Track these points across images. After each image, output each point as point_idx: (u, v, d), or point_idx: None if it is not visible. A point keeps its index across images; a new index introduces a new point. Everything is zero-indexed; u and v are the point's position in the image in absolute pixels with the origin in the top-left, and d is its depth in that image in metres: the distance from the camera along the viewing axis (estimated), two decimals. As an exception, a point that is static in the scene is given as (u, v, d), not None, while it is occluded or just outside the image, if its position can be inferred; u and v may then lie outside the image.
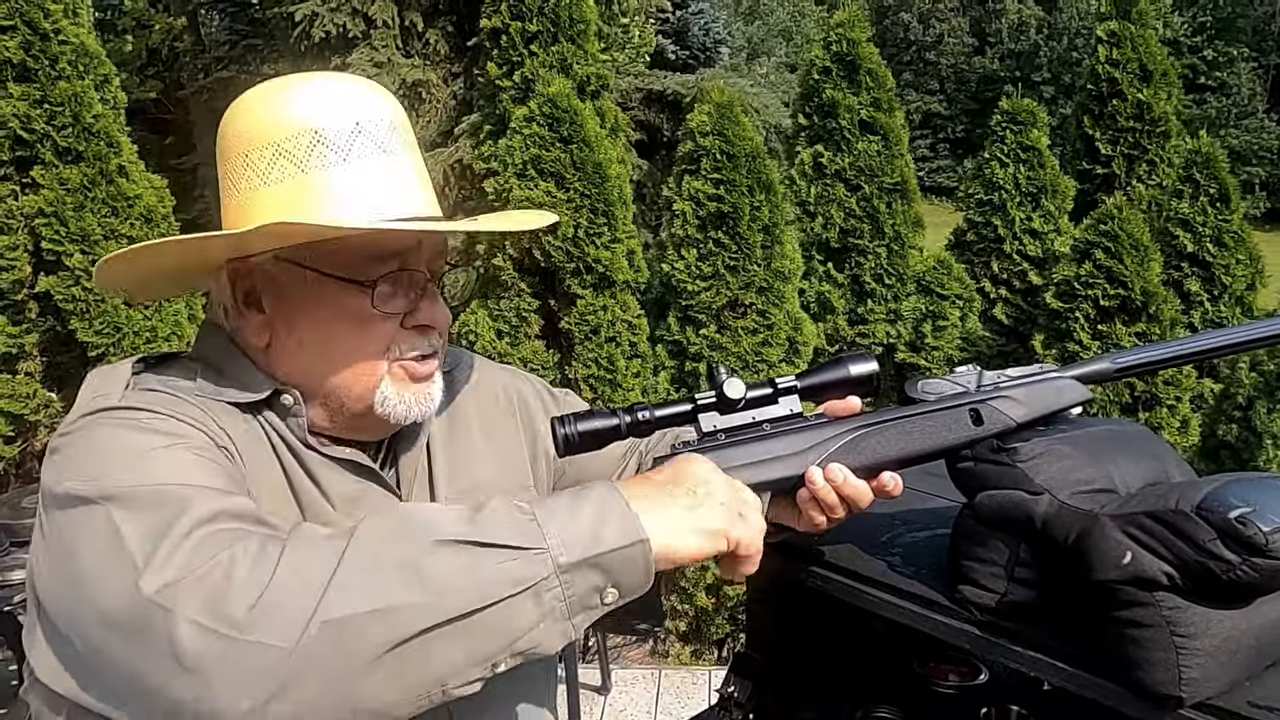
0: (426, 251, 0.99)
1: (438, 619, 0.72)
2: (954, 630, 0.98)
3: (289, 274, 0.96)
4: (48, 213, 3.26)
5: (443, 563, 0.74)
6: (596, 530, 0.79)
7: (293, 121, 0.95)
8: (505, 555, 0.76)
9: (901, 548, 1.11)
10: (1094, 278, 3.42)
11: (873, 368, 0.99)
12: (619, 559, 0.78)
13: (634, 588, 0.81)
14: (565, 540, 0.77)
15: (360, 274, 0.95)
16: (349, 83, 1.02)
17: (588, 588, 0.78)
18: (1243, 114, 25.94)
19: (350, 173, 0.95)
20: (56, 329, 3.49)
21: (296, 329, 0.98)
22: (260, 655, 0.69)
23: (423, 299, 0.99)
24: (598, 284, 3.54)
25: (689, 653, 3.89)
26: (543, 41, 3.84)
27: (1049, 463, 0.93)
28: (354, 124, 0.96)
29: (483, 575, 0.75)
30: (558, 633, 0.77)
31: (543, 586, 0.75)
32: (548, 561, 0.76)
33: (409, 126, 1.04)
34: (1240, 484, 0.83)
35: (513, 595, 0.75)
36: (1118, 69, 4.04)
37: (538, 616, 0.76)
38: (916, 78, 28.99)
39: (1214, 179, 3.74)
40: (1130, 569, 0.82)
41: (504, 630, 0.75)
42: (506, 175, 3.47)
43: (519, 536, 0.77)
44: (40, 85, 3.24)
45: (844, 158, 4.01)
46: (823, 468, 0.96)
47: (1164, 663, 0.81)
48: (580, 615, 0.78)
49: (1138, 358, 1.02)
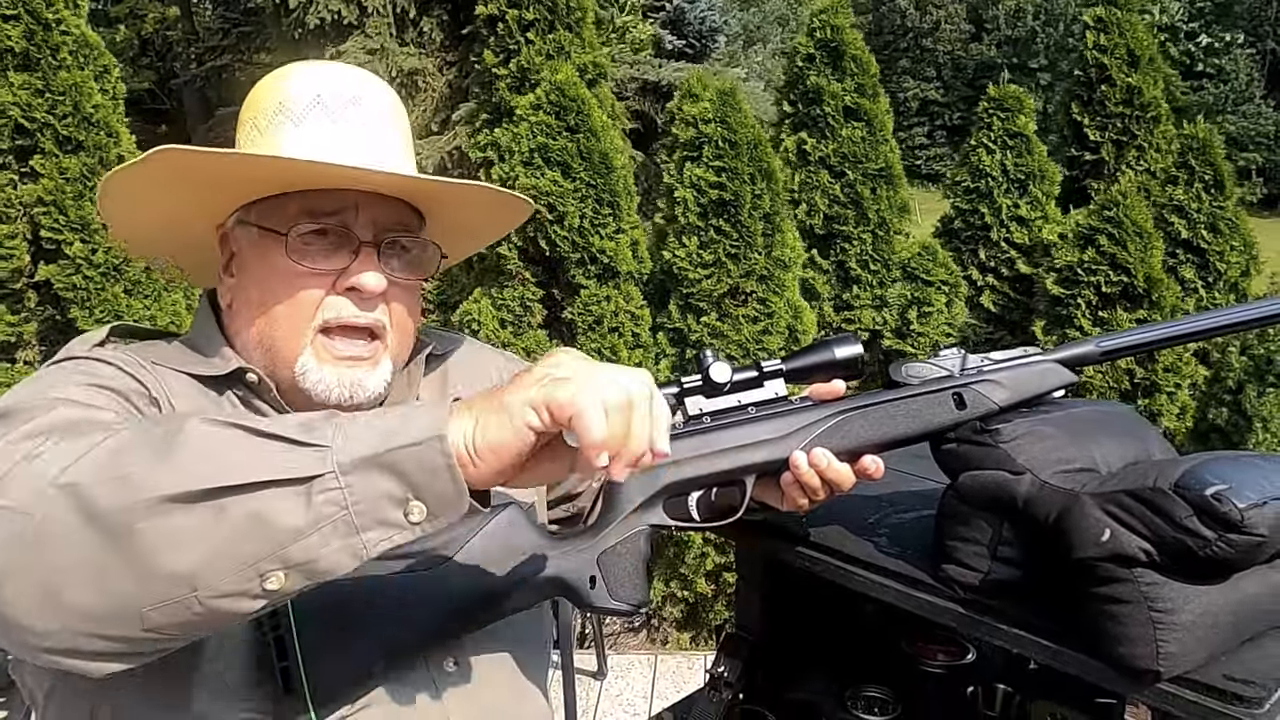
0: (368, 213, 1.00)
1: (176, 489, 0.67)
2: (938, 608, 0.99)
3: (245, 234, 1.01)
4: (47, 201, 3.28)
5: (200, 437, 0.69)
6: (391, 430, 0.71)
7: (271, 95, 1.03)
8: (278, 445, 0.69)
9: (887, 528, 1.12)
10: (1097, 264, 3.43)
11: (857, 351, 1.00)
12: (410, 459, 0.69)
13: (442, 499, 0.71)
14: (351, 437, 0.70)
15: (285, 226, 0.98)
16: (335, 66, 1.07)
17: (377, 494, 0.69)
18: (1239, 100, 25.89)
19: (299, 135, 1.00)
20: (56, 318, 3.50)
21: (245, 288, 1.02)
22: (5, 521, 0.68)
23: (356, 261, 0.99)
24: (602, 274, 3.55)
25: (686, 638, 3.92)
26: (539, 29, 3.84)
27: (1031, 443, 0.94)
28: (315, 95, 1.01)
29: (240, 454, 0.69)
30: (343, 548, 0.69)
31: (316, 485, 0.68)
32: (326, 458, 0.69)
33: (389, 109, 1.07)
34: (1217, 462, 0.84)
35: (273, 484, 0.68)
36: (1106, 54, 4.04)
37: (308, 520, 0.68)
38: (913, 64, 28.89)
39: (1209, 165, 3.75)
40: (1109, 546, 0.84)
41: (266, 529, 0.68)
42: (512, 163, 3.47)
43: (303, 432, 0.70)
44: (42, 74, 3.25)
45: (828, 144, 4.01)
46: (806, 452, 0.97)
47: (1142, 638, 0.82)
48: (375, 531, 0.70)
49: (1122, 341, 1.02)
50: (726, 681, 1.23)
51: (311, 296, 0.98)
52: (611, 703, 3.58)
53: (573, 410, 0.71)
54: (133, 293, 3.42)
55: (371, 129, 1.03)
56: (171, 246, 1.10)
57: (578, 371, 0.75)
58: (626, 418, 0.73)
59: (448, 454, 0.70)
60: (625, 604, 0.96)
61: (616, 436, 0.72)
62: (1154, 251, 3.42)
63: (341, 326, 0.99)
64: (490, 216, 1.17)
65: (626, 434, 0.73)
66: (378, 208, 1.01)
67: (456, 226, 1.14)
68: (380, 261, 1.00)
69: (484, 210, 1.14)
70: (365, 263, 0.99)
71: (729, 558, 3.63)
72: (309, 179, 0.97)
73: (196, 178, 0.96)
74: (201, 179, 0.97)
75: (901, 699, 1.35)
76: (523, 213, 1.17)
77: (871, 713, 1.32)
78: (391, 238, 1.02)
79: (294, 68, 1.05)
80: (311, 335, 0.99)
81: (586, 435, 0.70)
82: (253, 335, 1.01)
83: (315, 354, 0.99)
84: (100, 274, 3.34)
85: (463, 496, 0.72)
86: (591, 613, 3.02)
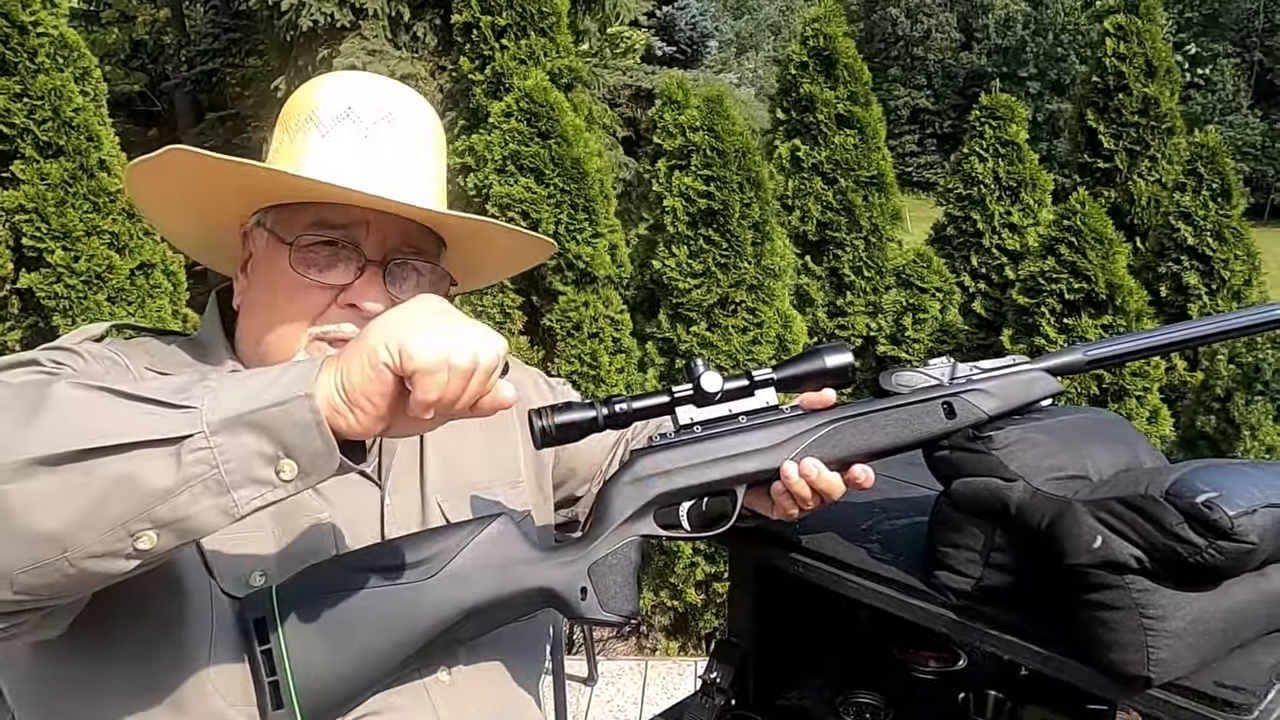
0: (379, 233, 1.00)
1: (42, 452, 0.66)
2: (930, 615, 0.99)
3: (260, 237, 1.01)
4: (29, 209, 3.23)
5: (65, 400, 0.69)
6: (259, 390, 0.71)
7: (305, 102, 1.02)
8: (146, 407, 0.69)
9: (880, 535, 1.12)
10: (1058, 272, 3.45)
11: (848, 359, 1.00)
12: (279, 418, 0.70)
13: (313, 456, 0.72)
14: (221, 399, 0.70)
15: (295, 235, 0.98)
16: (373, 79, 1.06)
17: (247, 453, 0.70)
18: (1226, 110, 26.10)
19: (325, 146, 0.99)
20: (39, 325, 3.47)
21: (253, 289, 1.02)
22: None
23: (361, 279, 0.99)
24: (579, 280, 3.53)
25: (676, 646, 3.91)
26: (513, 35, 3.83)
27: (1023, 450, 0.95)
28: (346, 107, 1.01)
29: (108, 416, 0.69)
30: (214, 507, 0.69)
31: (186, 445, 0.68)
32: (195, 419, 0.69)
33: (423, 130, 1.05)
34: (1208, 469, 0.85)
35: (142, 444, 0.68)
36: (1124, 63, 4.02)
37: (177, 480, 0.68)
38: (904, 73, 29.03)
39: (1218, 174, 3.74)
40: (1101, 553, 0.84)
41: (135, 490, 0.68)
42: (486, 171, 3.46)
43: (173, 394, 0.70)
44: (20, 78, 3.21)
45: (821, 151, 4.02)
46: (797, 462, 0.97)
47: (1134, 644, 0.83)
48: (246, 489, 0.70)
49: (1108, 350, 1.03)
50: (719, 687, 1.22)
51: (312, 307, 0.98)
52: (602, 709, 3.57)
53: (414, 366, 0.72)
54: (116, 300, 3.39)
55: (401, 149, 1.02)
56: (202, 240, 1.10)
57: (430, 323, 0.75)
58: (464, 382, 0.74)
59: (315, 410, 0.71)
60: (616, 615, 0.96)
61: (447, 399, 0.74)
62: (1117, 257, 3.43)
63: (340, 339, 0.98)
64: (510, 254, 1.16)
65: (457, 397, 0.74)
66: (390, 227, 1.00)
67: (476, 257, 1.13)
68: (387, 282, 1.00)
69: (505, 248, 1.14)
70: (369, 282, 0.98)
71: (718, 567, 3.62)
72: (315, 195, 0.97)
73: (208, 180, 0.97)
74: (213, 181, 0.97)
75: (893, 705, 1.35)
76: (543, 252, 1.16)
77: (863, 719, 1.33)
78: (401, 258, 1.01)
79: (332, 76, 1.05)
80: (306, 340, 0.98)
81: (421, 394, 0.72)
82: (252, 337, 1.01)
83: (308, 355, 0.98)
84: (82, 282, 3.30)
85: (333, 454, 0.72)
86: (583, 624, 3.02)
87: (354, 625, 0.89)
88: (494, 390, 0.78)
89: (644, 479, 0.98)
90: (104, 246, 3.29)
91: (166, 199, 1.01)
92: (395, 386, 0.74)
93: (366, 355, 0.73)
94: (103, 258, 3.29)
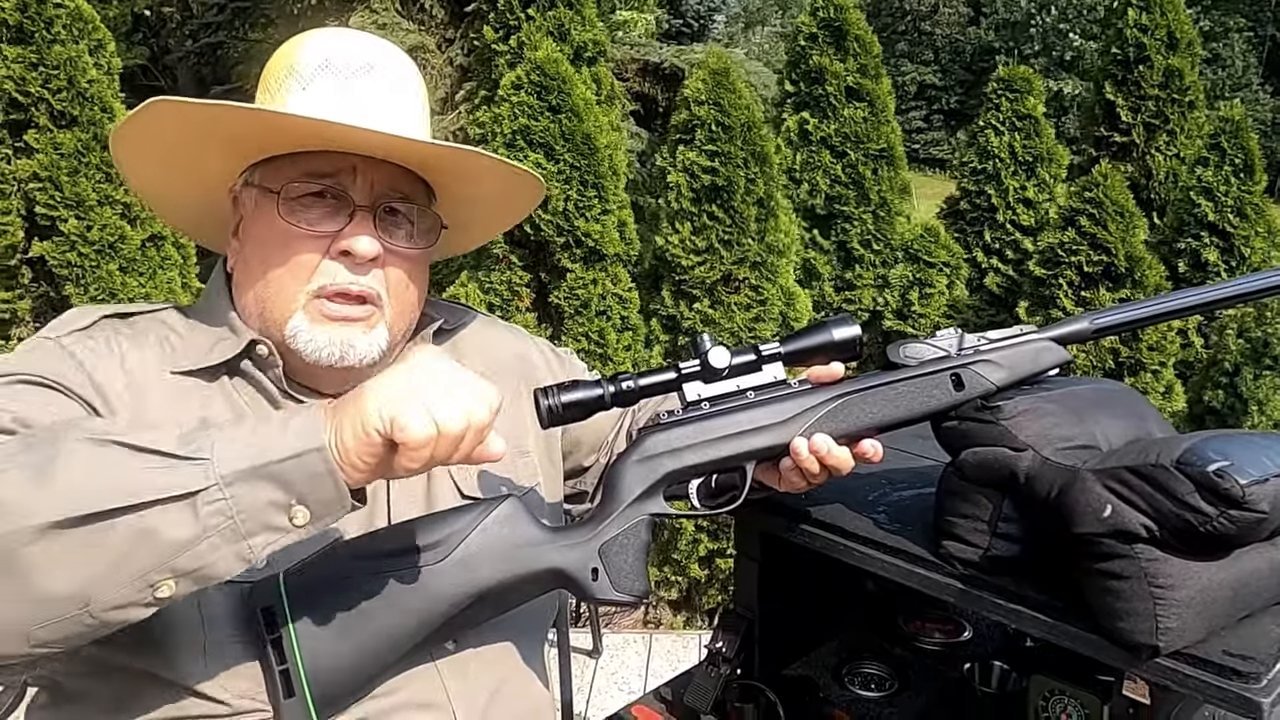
0: (367, 178, 0.99)
1: (59, 515, 0.67)
2: (938, 584, 0.99)
3: (248, 195, 1.02)
4: (42, 177, 3.24)
5: (80, 460, 0.70)
6: (272, 440, 0.73)
7: (283, 59, 1.02)
8: (158, 461, 0.71)
9: (887, 505, 1.12)
10: (1077, 244, 3.42)
11: (855, 332, 0.99)
12: (295, 469, 0.72)
13: (325, 503, 0.74)
14: (234, 451, 0.72)
15: (281, 185, 0.98)
16: (350, 33, 1.06)
17: (262, 503, 0.72)
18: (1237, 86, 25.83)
19: (305, 98, 0.99)
20: (50, 294, 3.48)
21: (246, 248, 1.02)
22: None
23: (351, 224, 0.98)
24: (587, 257, 3.51)
25: (680, 620, 3.93)
26: (540, 6, 3.79)
27: (1032, 420, 0.94)
28: (324, 59, 1.01)
29: (121, 473, 0.69)
30: (231, 554, 0.72)
31: (202, 498, 0.70)
32: (208, 471, 0.70)
33: (402, 78, 1.05)
34: (1219, 439, 0.84)
35: (160, 502, 0.69)
36: (1146, 34, 3.94)
37: (196, 531, 0.70)
38: (911, 48, 28.74)
39: (1241, 149, 3.68)
40: (1110, 522, 0.84)
41: (155, 544, 0.69)
42: (495, 145, 3.44)
43: (182, 445, 0.72)
44: (36, 48, 3.21)
45: (830, 124, 3.98)
46: (807, 438, 0.97)
47: (1142, 613, 0.83)
48: (261, 536, 0.72)
49: (1115, 318, 1.02)
50: (725, 657, 1.23)
51: (306, 260, 0.97)
52: (607, 680, 3.60)
53: (403, 439, 0.73)
54: (128, 270, 3.39)
55: (382, 97, 1.01)
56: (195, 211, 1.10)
57: (423, 388, 0.76)
58: (454, 446, 0.76)
59: (328, 461, 0.73)
60: (629, 595, 0.95)
61: (437, 460, 0.76)
62: (1136, 231, 3.40)
63: (336, 293, 0.98)
64: (499, 192, 1.15)
65: (448, 457, 0.77)
66: (377, 172, 1.00)
67: (465, 202, 1.12)
68: (378, 228, 0.99)
69: (491, 185, 1.12)
70: (359, 226, 0.98)
71: (722, 544, 3.63)
72: (298, 137, 0.96)
73: (195, 139, 0.96)
74: (199, 140, 0.97)
75: (898, 675, 1.35)
76: (532, 189, 1.15)
77: (868, 689, 1.33)
78: (389, 204, 1.01)
79: (309, 34, 1.05)
80: (305, 299, 0.98)
81: (408, 463, 0.75)
82: (250, 300, 1.01)
83: (307, 315, 0.98)
84: (95, 251, 3.31)
85: (344, 499, 0.75)
86: (595, 604, 3.03)
87: (364, 612, 0.88)
88: (485, 444, 0.80)
89: (653, 457, 0.98)
90: (116, 217, 3.30)
91: (155, 162, 1.00)
92: (385, 449, 0.75)
93: (361, 420, 0.74)
94: (115, 228, 3.31)
